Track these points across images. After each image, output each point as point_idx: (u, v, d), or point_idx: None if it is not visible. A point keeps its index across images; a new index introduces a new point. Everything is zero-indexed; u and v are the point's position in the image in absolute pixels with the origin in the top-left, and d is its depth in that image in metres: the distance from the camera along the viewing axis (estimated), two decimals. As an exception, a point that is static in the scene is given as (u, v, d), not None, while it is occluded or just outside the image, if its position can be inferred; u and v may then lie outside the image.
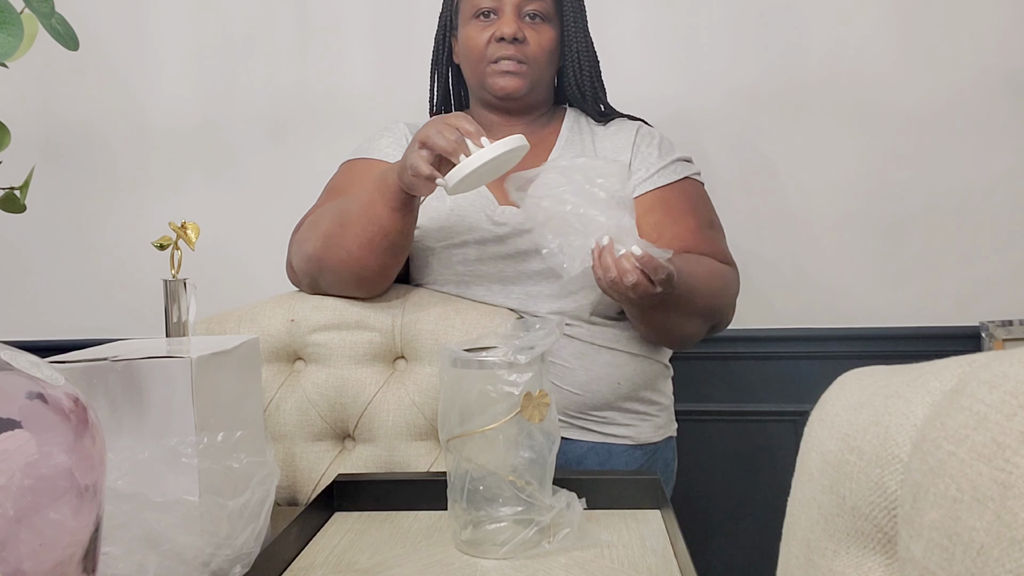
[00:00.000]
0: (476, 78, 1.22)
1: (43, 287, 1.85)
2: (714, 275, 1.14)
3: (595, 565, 0.77)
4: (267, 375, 1.12)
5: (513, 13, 1.17)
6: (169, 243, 0.90)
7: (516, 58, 1.17)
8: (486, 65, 1.19)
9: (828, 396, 0.44)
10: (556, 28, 1.21)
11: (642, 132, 1.24)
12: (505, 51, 1.17)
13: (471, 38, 1.19)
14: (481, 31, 1.18)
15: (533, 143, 1.22)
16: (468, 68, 1.23)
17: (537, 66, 1.19)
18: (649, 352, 1.21)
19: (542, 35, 1.19)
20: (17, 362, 0.50)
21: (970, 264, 1.63)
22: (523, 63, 1.18)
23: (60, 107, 1.82)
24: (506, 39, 1.16)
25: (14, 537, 0.45)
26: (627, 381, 1.18)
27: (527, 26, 1.18)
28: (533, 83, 1.20)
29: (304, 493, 1.09)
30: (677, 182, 1.20)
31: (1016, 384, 0.30)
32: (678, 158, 1.22)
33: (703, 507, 1.69)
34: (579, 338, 1.16)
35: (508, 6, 1.17)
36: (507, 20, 1.16)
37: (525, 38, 1.17)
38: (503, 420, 0.77)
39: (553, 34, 1.20)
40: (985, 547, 0.28)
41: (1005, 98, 1.59)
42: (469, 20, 1.20)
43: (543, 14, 1.19)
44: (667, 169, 1.20)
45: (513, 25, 1.16)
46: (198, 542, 0.69)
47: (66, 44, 0.63)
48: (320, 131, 1.74)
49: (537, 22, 1.18)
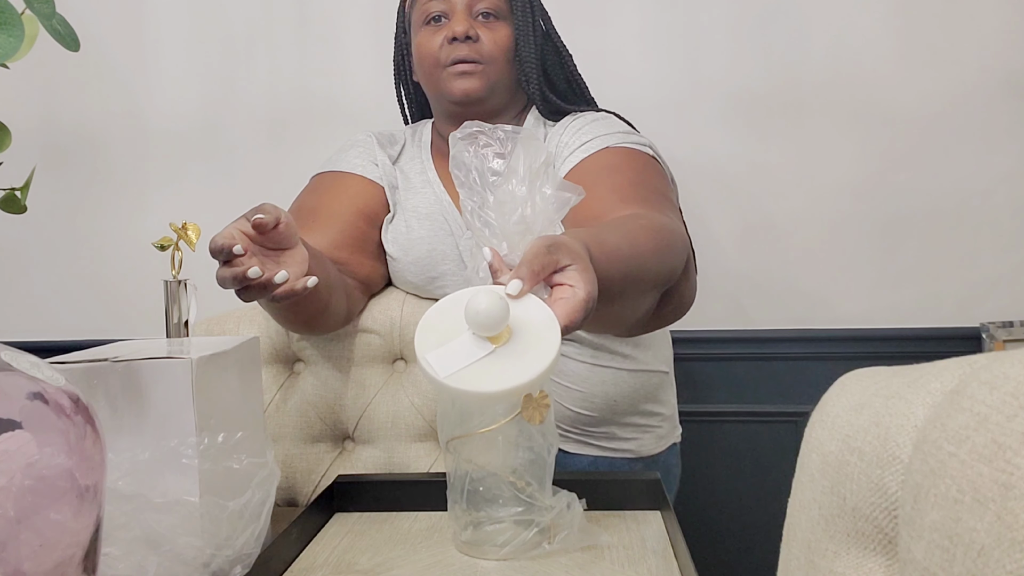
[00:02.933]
0: (433, 86, 1.16)
1: (43, 288, 1.85)
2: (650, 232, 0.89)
3: (595, 566, 0.76)
4: (267, 376, 1.12)
5: (464, 13, 1.12)
6: (170, 244, 0.90)
7: (471, 58, 1.11)
8: (441, 70, 1.13)
9: (828, 397, 0.44)
10: (511, 27, 1.14)
11: (585, 116, 1.13)
12: (459, 51, 1.11)
13: (423, 44, 1.14)
14: (432, 35, 1.13)
15: None
16: (424, 77, 1.17)
17: (495, 64, 1.12)
18: (647, 365, 1.17)
19: (496, 32, 1.13)
20: (17, 363, 0.50)
21: (971, 265, 1.63)
22: (479, 63, 1.11)
23: (61, 108, 1.82)
24: (458, 38, 1.10)
25: (14, 538, 0.45)
26: (625, 398, 1.15)
27: (480, 25, 1.12)
28: (492, 84, 1.13)
29: (304, 494, 1.09)
30: (594, 154, 1.06)
31: (1017, 385, 0.30)
32: (610, 132, 1.08)
33: (703, 508, 1.69)
34: (572, 357, 1.14)
35: (458, 6, 1.12)
36: (458, 19, 1.11)
37: (478, 36, 1.11)
38: (503, 421, 0.77)
39: (509, 31, 1.14)
40: (986, 548, 0.28)
41: (1005, 99, 1.59)
42: (420, 28, 1.15)
43: (496, 12, 1.13)
44: (592, 143, 1.07)
45: (464, 23, 1.11)
46: (198, 543, 0.68)
47: (67, 45, 0.63)
48: (320, 132, 1.74)
49: (491, 20, 1.13)
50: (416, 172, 1.19)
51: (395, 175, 1.19)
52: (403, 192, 1.18)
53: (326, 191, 1.17)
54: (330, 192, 1.16)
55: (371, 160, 1.19)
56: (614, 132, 1.09)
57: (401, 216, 1.16)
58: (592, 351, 1.14)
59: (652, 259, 0.87)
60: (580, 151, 1.07)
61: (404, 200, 1.18)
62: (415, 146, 1.23)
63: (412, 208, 1.16)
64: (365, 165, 1.18)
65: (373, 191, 1.17)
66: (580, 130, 1.11)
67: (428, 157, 1.20)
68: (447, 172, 1.12)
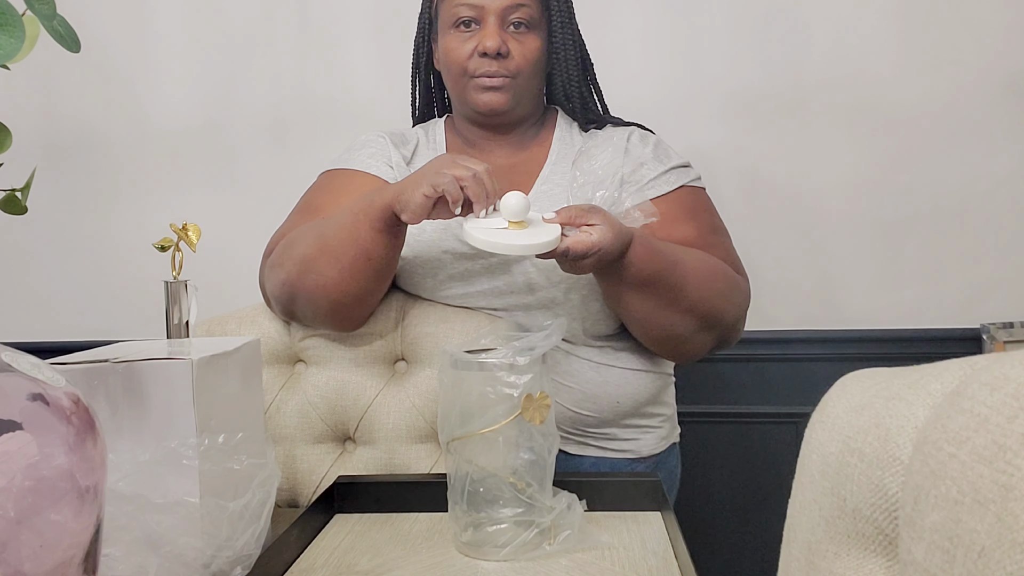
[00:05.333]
0: (457, 92, 1.15)
1: (44, 288, 1.85)
2: (715, 274, 1.06)
3: (595, 567, 0.76)
4: (268, 377, 1.12)
5: (496, 24, 1.09)
6: (170, 245, 0.90)
7: (500, 73, 1.10)
8: (468, 79, 1.12)
9: (829, 398, 0.44)
10: (542, 34, 1.13)
11: (633, 139, 1.17)
12: (488, 67, 1.10)
13: (452, 50, 1.12)
14: (462, 43, 1.11)
15: (522, 160, 1.19)
16: (449, 80, 1.17)
17: (522, 78, 1.12)
18: (651, 366, 1.17)
19: (527, 45, 1.11)
20: (18, 363, 0.50)
21: (971, 266, 1.63)
22: (507, 77, 1.11)
23: (61, 109, 1.82)
24: (489, 54, 1.09)
25: (15, 539, 0.45)
26: (628, 399, 1.15)
27: (511, 36, 1.10)
28: (518, 97, 1.13)
29: (304, 495, 1.09)
30: (673, 192, 1.13)
31: (1017, 386, 0.30)
32: (675, 166, 1.15)
33: (704, 509, 1.69)
34: (576, 355, 1.13)
35: (491, 15, 1.09)
36: (490, 32, 1.09)
37: (509, 52, 1.10)
38: (503, 422, 0.77)
39: (539, 42, 1.13)
40: (986, 549, 0.28)
41: (1006, 100, 1.59)
42: (449, 29, 1.12)
43: (528, 21, 1.11)
44: (661, 179, 1.14)
45: (496, 39, 1.08)
46: (199, 544, 0.69)
47: (67, 46, 0.63)
48: (321, 133, 1.74)
49: (522, 31, 1.11)
50: None
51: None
52: None
53: (334, 189, 1.16)
54: (337, 190, 1.15)
55: (385, 161, 1.17)
56: (684, 165, 1.17)
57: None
58: (598, 351, 1.14)
59: (693, 280, 1.03)
60: (658, 184, 1.13)
61: None
62: (429, 148, 1.21)
63: None
64: (378, 165, 1.16)
65: None
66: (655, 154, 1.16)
67: None
68: None
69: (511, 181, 1.15)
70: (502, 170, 1.17)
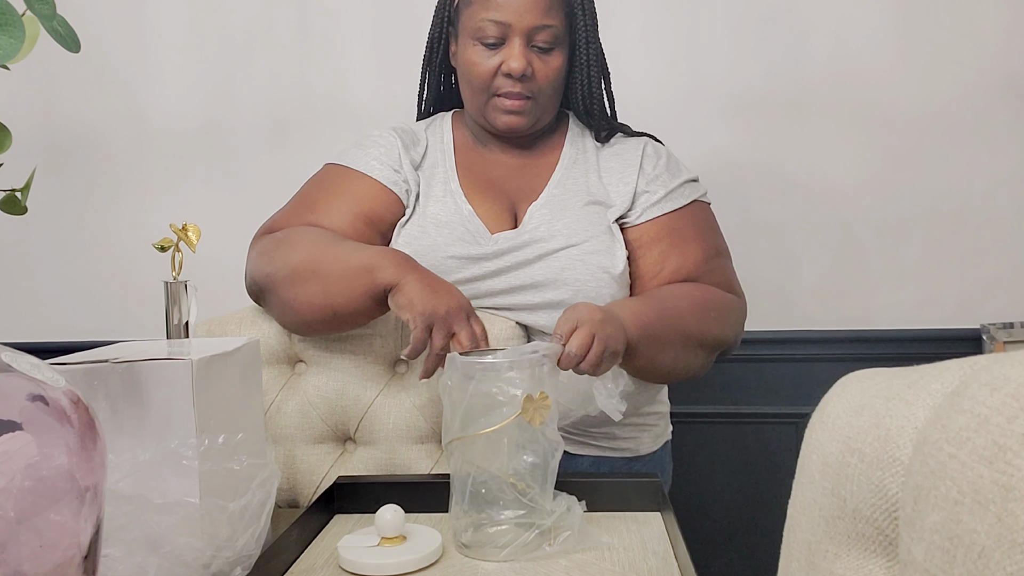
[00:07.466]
0: (476, 105, 1.14)
1: (44, 289, 1.85)
2: (708, 306, 1.09)
3: (596, 568, 0.76)
4: (268, 377, 1.12)
5: (522, 44, 1.08)
6: (170, 245, 0.90)
7: (522, 95, 1.10)
8: (489, 96, 1.11)
9: (829, 398, 0.44)
10: (565, 50, 1.13)
11: (647, 152, 1.17)
12: (512, 87, 1.09)
13: (475, 64, 1.10)
14: (486, 58, 1.09)
15: (532, 161, 1.19)
16: (467, 91, 1.15)
17: (543, 97, 1.12)
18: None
19: (550, 64, 1.10)
20: (18, 364, 0.50)
21: (971, 266, 1.63)
22: (528, 99, 1.11)
23: (61, 109, 1.82)
24: (513, 76, 1.08)
25: (15, 539, 0.45)
26: (630, 399, 1.13)
27: (535, 56, 1.09)
28: (537, 115, 1.13)
29: (305, 495, 1.09)
30: (686, 207, 1.15)
31: (1017, 387, 0.30)
32: (686, 180, 1.17)
33: (704, 510, 1.69)
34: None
35: (517, 36, 1.08)
36: (516, 54, 1.07)
37: (533, 73, 1.09)
38: (505, 423, 0.77)
39: (562, 60, 1.12)
40: (986, 550, 0.28)
41: (1006, 100, 1.60)
42: (472, 41, 1.11)
43: (552, 41, 1.10)
44: (675, 193, 1.15)
45: (522, 60, 1.07)
46: (199, 544, 0.69)
47: (67, 46, 0.63)
48: (321, 132, 1.74)
49: (546, 49, 1.10)
50: (439, 181, 1.16)
51: (418, 181, 1.16)
52: (423, 198, 1.15)
53: (331, 186, 1.15)
54: (334, 189, 1.14)
55: (391, 164, 1.15)
56: (693, 179, 1.19)
57: (417, 221, 1.13)
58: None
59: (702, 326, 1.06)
60: (673, 198, 1.15)
61: (423, 206, 1.14)
62: (438, 151, 1.20)
63: (432, 216, 1.13)
64: (383, 168, 1.15)
65: (383, 196, 1.14)
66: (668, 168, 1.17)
67: (452, 167, 1.17)
68: (470, 181, 1.17)
69: (522, 182, 1.16)
70: (512, 170, 1.17)
